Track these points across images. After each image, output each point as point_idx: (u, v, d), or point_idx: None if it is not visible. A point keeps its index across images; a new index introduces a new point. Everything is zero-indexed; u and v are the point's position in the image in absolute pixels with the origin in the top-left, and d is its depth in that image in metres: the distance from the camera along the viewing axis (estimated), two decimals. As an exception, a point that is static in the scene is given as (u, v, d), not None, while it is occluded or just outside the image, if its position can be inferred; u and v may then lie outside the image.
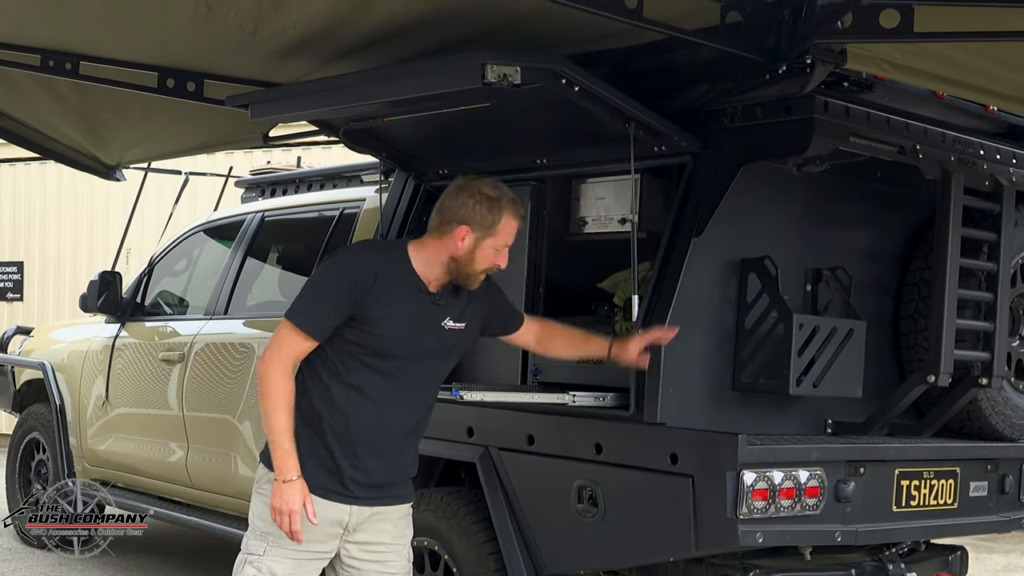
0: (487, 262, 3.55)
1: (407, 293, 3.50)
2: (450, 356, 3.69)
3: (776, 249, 4.27)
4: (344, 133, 4.97)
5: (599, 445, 4.14)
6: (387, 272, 3.49)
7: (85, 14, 4.24)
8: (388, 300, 3.45)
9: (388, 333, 3.46)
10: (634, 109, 4.04)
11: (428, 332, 3.55)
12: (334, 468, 3.51)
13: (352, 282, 3.44)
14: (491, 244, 3.53)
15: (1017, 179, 4.65)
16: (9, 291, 13.22)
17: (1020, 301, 4.86)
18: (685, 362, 4.08)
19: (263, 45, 4.47)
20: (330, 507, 3.52)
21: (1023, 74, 4.13)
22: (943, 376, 4.28)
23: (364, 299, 3.42)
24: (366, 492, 3.55)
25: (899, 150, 4.25)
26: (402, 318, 3.48)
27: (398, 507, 3.67)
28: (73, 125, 6.08)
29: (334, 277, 3.50)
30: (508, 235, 3.57)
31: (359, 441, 3.51)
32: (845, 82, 4.13)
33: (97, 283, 6.83)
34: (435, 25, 4.12)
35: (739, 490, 3.79)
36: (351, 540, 3.59)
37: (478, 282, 3.59)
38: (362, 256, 3.59)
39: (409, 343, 3.50)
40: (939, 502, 4.49)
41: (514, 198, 3.60)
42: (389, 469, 3.59)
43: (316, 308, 3.46)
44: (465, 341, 3.72)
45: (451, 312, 3.60)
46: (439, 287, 3.58)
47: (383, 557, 3.62)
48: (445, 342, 3.61)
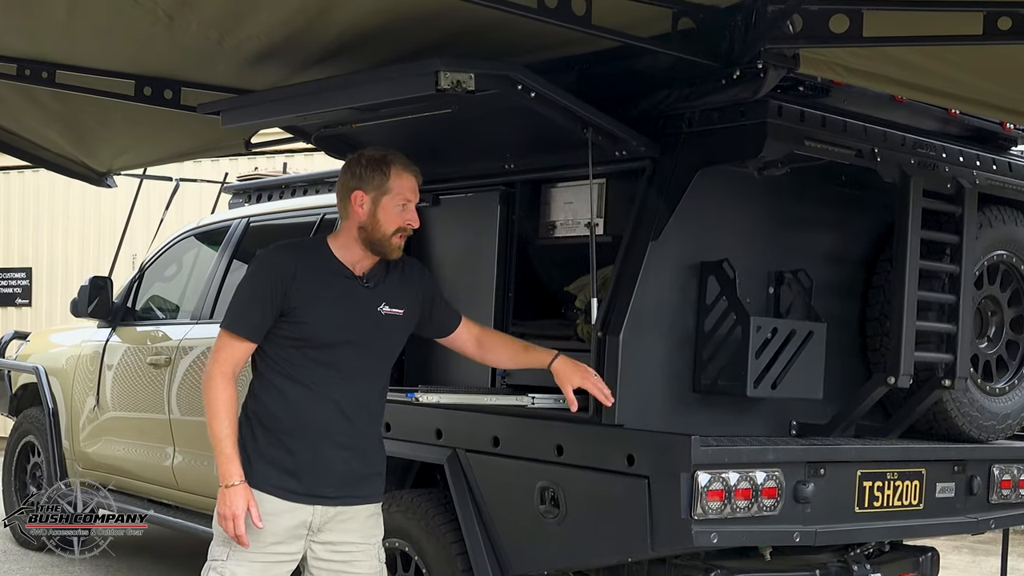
0: (394, 222, 3.58)
1: (330, 279, 3.56)
2: (393, 343, 3.70)
3: (737, 252, 4.31)
4: (316, 139, 5.04)
5: (560, 447, 4.19)
6: (307, 263, 3.58)
7: (52, 24, 4.30)
8: (312, 288, 3.52)
9: (318, 320, 3.51)
10: (591, 115, 4.08)
11: (364, 318, 3.58)
12: (293, 468, 3.54)
13: (274, 278, 3.52)
14: (390, 202, 3.58)
15: (980, 182, 4.66)
16: (18, 297, 13.36)
17: (987, 303, 4.88)
18: (644, 364, 4.12)
19: (232, 53, 4.53)
20: (291, 508, 3.55)
21: (981, 77, 4.16)
22: (903, 378, 4.30)
23: (288, 291, 3.49)
24: (328, 491, 3.57)
25: (857, 153, 4.28)
26: (328, 303, 3.53)
27: (364, 507, 3.68)
28: (59, 133, 6.16)
29: (257, 277, 3.59)
30: (405, 190, 3.61)
31: (313, 436, 3.54)
32: (800, 86, 4.17)
33: (88, 288, 6.91)
34: (396, 33, 4.17)
35: (693, 491, 3.83)
36: (316, 540, 3.61)
37: (396, 248, 3.61)
38: (281, 252, 3.67)
39: (344, 329, 3.54)
40: (903, 503, 4.51)
41: (402, 156, 3.67)
42: (349, 465, 3.60)
43: (244, 310, 3.55)
44: (405, 329, 3.73)
45: (386, 297, 3.64)
46: (365, 270, 3.62)
47: (350, 557, 3.64)
48: (385, 328, 3.64)
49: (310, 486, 3.56)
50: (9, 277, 13.41)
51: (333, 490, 3.59)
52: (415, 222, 3.65)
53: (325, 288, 3.55)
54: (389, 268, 3.70)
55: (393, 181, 3.60)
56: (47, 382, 7.45)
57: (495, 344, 4.04)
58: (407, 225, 3.62)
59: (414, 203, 3.64)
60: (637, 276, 4.09)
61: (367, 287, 3.61)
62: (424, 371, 5.13)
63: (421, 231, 5.16)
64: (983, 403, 4.78)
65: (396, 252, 3.62)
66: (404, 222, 3.61)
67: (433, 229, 5.18)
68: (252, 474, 3.53)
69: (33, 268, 13.32)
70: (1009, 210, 4.88)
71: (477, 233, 4.96)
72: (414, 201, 3.64)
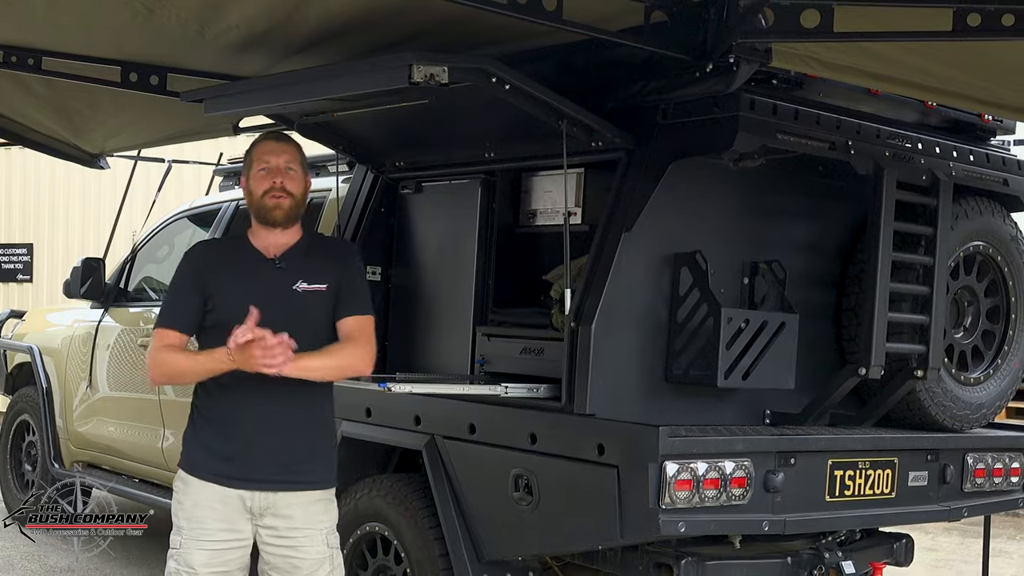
0: (260, 185, 3.67)
1: (245, 266, 3.68)
2: (318, 319, 3.69)
3: (712, 242, 4.35)
4: (299, 127, 5.09)
5: (534, 435, 4.23)
6: (222, 254, 3.80)
7: (34, 15, 4.34)
8: (225, 276, 3.66)
9: (231, 306, 3.57)
10: (565, 107, 4.11)
11: (278, 297, 3.62)
12: (228, 454, 3.61)
13: (191, 271, 3.70)
14: (254, 170, 3.70)
15: (957, 173, 4.69)
16: (19, 273, 13.43)
17: (964, 293, 4.91)
18: (616, 354, 4.16)
19: (214, 42, 4.57)
20: (229, 493, 3.61)
21: (955, 69, 4.18)
22: (874, 369, 4.34)
23: (205, 282, 3.64)
24: (263, 475, 3.62)
25: (830, 146, 4.31)
26: (242, 286, 3.62)
27: (307, 493, 3.69)
28: (49, 117, 6.20)
29: (180, 273, 3.77)
30: (263, 154, 3.71)
31: (244, 422, 3.61)
32: (774, 79, 4.20)
33: (81, 269, 6.96)
34: (373, 25, 4.21)
35: (661, 481, 3.88)
36: (260, 524, 3.67)
37: (275, 208, 3.65)
38: (197, 248, 3.87)
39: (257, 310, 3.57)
40: (875, 492, 4.55)
41: (269, 132, 3.85)
42: (282, 449, 3.63)
43: (172, 304, 3.72)
44: (331, 303, 3.71)
45: (303, 274, 3.67)
46: (279, 252, 3.69)
47: (294, 543, 3.67)
48: (301, 305, 3.66)
49: (245, 471, 3.62)
50: (10, 253, 13.49)
51: (269, 474, 3.63)
52: (285, 180, 3.66)
53: (238, 274, 3.67)
54: (311, 247, 3.77)
55: (254, 153, 3.74)
56: (41, 362, 7.52)
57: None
58: (276, 184, 3.66)
59: (279, 164, 3.68)
60: (610, 267, 4.13)
61: (279, 267, 3.68)
62: (407, 356, 5.19)
63: (403, 218, 5.27)
64: (957, 393, 4.82)
65: (276, 212, 3.66)
66: (270, 182, 3.66)
67: (415, 216, 5.23)
68: (191, 462, 3.65)
69: (34, 244, 13.38)
70: (986, 201, 4.90)
71: (458, 221, 5.00)
72: (277, 162, 3.68)
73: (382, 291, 5.30)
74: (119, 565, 6.84)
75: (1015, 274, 4.99)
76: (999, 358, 5.00)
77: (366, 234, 5.27)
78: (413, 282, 5.22)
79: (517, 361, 4.67)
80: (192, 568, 3.59)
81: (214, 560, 3.61)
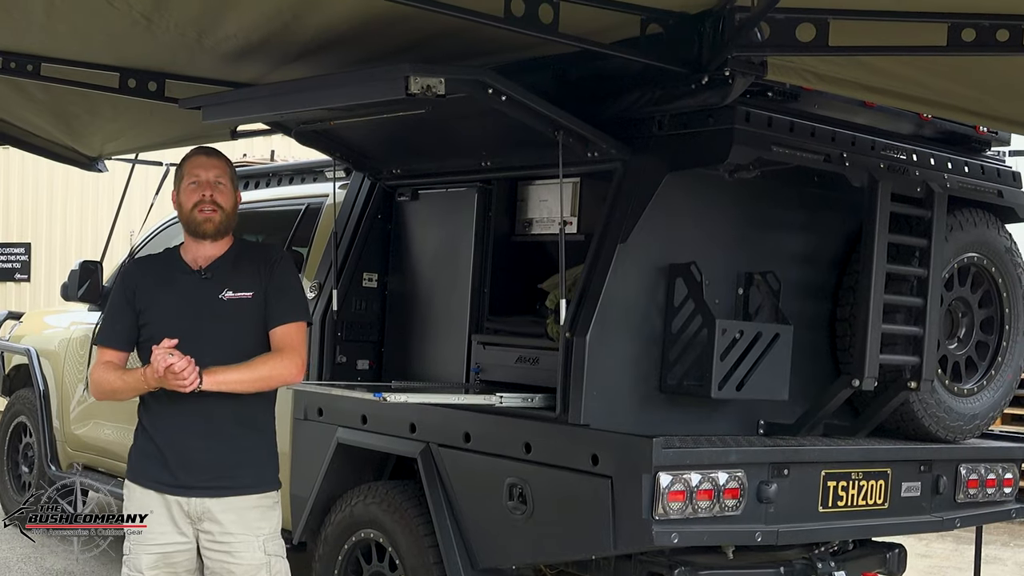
0: (190, 198, 3.77)
1: (171, 278, 3.78)
2: (246, 327, 3.75)
3: (707, 253, 4.36)
4: (296, 134, 5.10)
5: (528, 444, 4.25)
6: (151, 270, 3.87)
7: (32, 23, 4.35)
8: (153, 291, 3.76)
9: (159, 317, 3.72)
10: (561, 118, 4.12)
11: (203, 307, 3.72)
12: (163, 461, 3.72)
13: (122, 290, 3.82)
14: (184, 184, 3.80)
15: (952, 185, 4.70)
16: (17, 272, 13.44)
17: (958, 304, 4.92)
18: (611, 365, 4.17)
19: (212, 50, 4.57)
20: (166, 499, 3.73)
21: (951, 81, 4.20)
22: (867, 380, 4.36)
23: (135, 299, 3.76)
24: (196, 481, 3.71)
25: (825, 158, 4.33)
26: (166, 300, 3.74)
27: (240, 499, 3.75)
28: (48, 121, 6.21)
29: (114, 291, 3.92)
30: (193, 167, 3.82)
31: (174, 429, 3.71)
32: (770, 92, 4.21)
33: (78, 272, 6.97)
34: (371, 35, 4.21)
35: (655, 491, 3.90)
36: (200, 530, 3.76)
37: (206, 222, 3.75)
38: (128, 266, 4.02)
39: (182, 321, 3.69)
40: (868, 502, 4.57)
41: (199, 148, 3.94)
42: (212, 455, 3.72)
43: (107, 322, 3.86)
44: (259, 312, 3.76)
45: (229, 283, 3.75)
46: (206, 263, 3.78)
47: (230, 548, 3.73)
48: (227, 313, 3.73)
49: (180, 478, 3.72)
50: (8, 252, 13.50)
51: (201, 481, 3.72)
52: (215, 193, 3.77)
53: (164, 288, 3.77)
54: (238, 256, 3.83)
55: (185, 168, 3.83)
56: (38, 364, 7.53)
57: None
58: (206, 197, 3.75)
59: (209, 178, 3.78)
60: (605, 278, 4.14)
61: (205, 278, 3.76)
62: (403, 363, 5.21)
63: (400, 225, 5.28)
64: (950, 404, 4.83)
65: (207, 225, 3.76)
66: (200, 195, 3.75)
67: (411, 223, 5.24)
68: (134, 470, 3.80)
69: (32, 243, 13.39)
70: (981, 212, 4.91)
71: (454, 228, 5.02)
72: (207, 176, 3.78)
73: (379, 298, 5.33)
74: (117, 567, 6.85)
75: (1009, 285, 5.01)
76: (993, 369, 5.02)
77: (363, 241, 5.29)
78: (409, 289, 5.24)
79: (512, 370, 4.69)
80: (140, 572, 3.74)
81: (160, 563, 3.74)
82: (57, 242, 13.16)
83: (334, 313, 5.14)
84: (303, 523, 5.17)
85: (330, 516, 5.06)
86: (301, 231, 5.88)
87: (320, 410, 5.12)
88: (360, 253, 5.27)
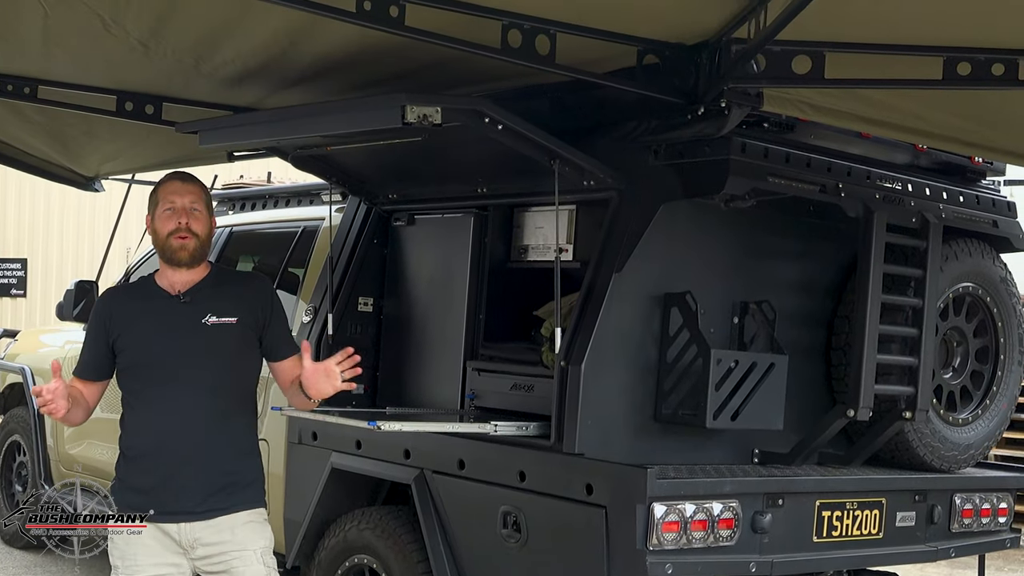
0: (165, 226, 3.69)
1: (147, 305, 3.74)
2: (229, 351, 3.71)
3: (702, 283, 4.36)
4: (293, 159, 5.10)
5: (523, 472, 4.25)
6: (127, 297, 3.88)
7: (30, 48, 4.37)
8: (129, 317, 3.72)
9: (136, 344, 3.67)
10: (557, 147, 4.13)
11: (186, 332, 3.67)
12: (148, 488, 3.64)
13: (97, 320, 3.78)
14: (159, 211, 3.72)
15: (947, 215, 4.71)
16: (13, 287, 13.43)
17: (953, 334, 4.93)
18: (606, 394, 4.17)
19: (210, 75, 4.59)
20: (154, 529, 3.64)
21: (947, 113, 4.23)
22: (862, 411, 4.36)
23: (110, 328, 3.72)
24: (185, 506, 3.64)
25: (820, 189, 4.34)
26: (145, 326, 3.69)
27: (234, 516, 3.70)
28: (44, 142, 6.23)
29: (89, 322, 3.89)
30: (167, 194, 3.72)
31: (159, 455, 3.63)
32: (766, 122, 4.23)
33: (73, 292, 6.97)
34: (368, 63, 4.23)
35: (649, 522, 3.90)
36: (194, 558, 3.69)
37: (178, 249, 3.67)
38: (103, 296, 3.95)
39: (164, 346, 3.65)
40: (863, 532, 4.57)
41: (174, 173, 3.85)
42: (201, 478, 3.65)
43: (81, 355, 3.84)
44: (242, 337, 3.73)
45: (211, 308, 3.70)
46: (184, 288, 3.72)
47: (228, 566, 3.69)
48: (210, 338, 3.68)
49: (167, 505, 3.64)
50: (5, 268, 13.49)
51: (191, 505, 3.65)
52: (190, 220, 3.69)
53: (142, 314, 3.72)
54: (219, 282, 3.79)
55: (159, 194, 3.75)
56: (33, 383, 7.51)
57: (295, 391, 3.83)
58: (181, 224, 3.68)
59: (184, 204, 3.70)
60: (600, 307, 4.14)
61: (184, 303, 3.70)
62: (397, 388, 5.20)
63: (396, 249, 5.28)
64: (945, 434, 4.83)
65: (181, 253, 3.69)
66: (177, 223, 3.69)
67: (407, 248, 5.24)
68: (119, 501, 3.71)
69: (29, 259, 13.39)
70: (976, 242, 4.92)
71: (450, 254, 5.01)
72: (182, 202, 3.70)
73: (374, 322, 5.32)
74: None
75: (1004, 315, 5.01)
76: (988, 399, 5.02)
77: (359, 265, 5.27)
78: (405, 314, 5.23)
79: (507, 396, 4.68)
80: None
81: None
82: (54, 258, 13.16)
83: (329, 337, 5.12)
84: (297, 547, 5.16)
85: (324, 540, 5.05)
86: (297, 253, 5.88)
87: (314, 434, 5.12)
88: (356, 277, 5.26)
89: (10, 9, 3.96)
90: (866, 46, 3.73)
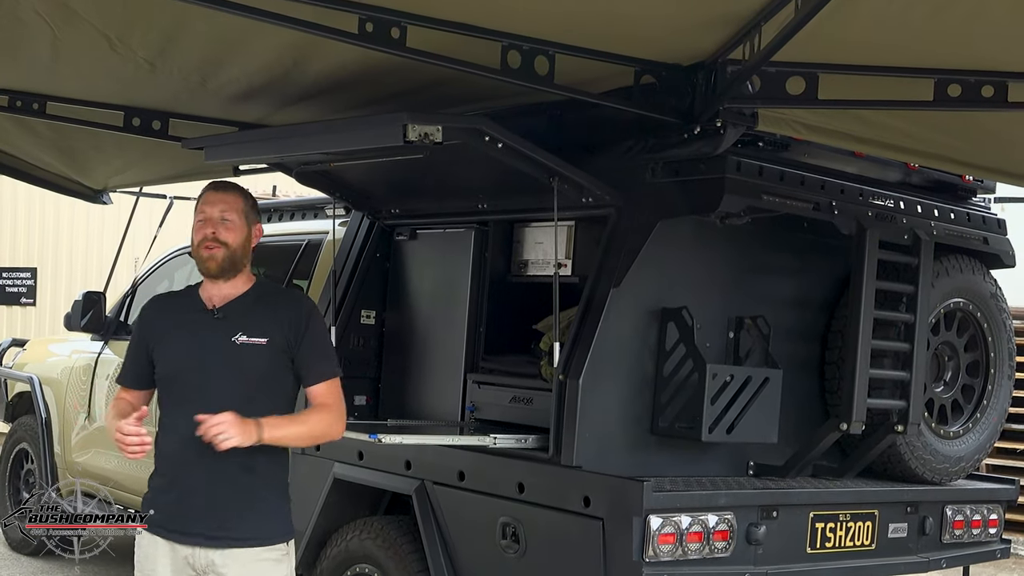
0: (196, 236, 3.63)
1: (183, 318, 3.66)
2: (257, 372, 3.59)
3: (698, 298, 4.44)
4: (297, 174, 5.19)
5: (521, 484, 4.32)
6: (167, 307, 3.77)
7: (39, 65, 4.46)
8: (165, 329, 3.66)
9: (169, 356, 3.61)
10: (557, 165, 4.21)
11: (214, 348, 3.57)
12: (169, 507, 3.58)
13: (139, 328, 3.77)
14: (196, 220, 3.66)
15: (938, 232, 4.79)
16: (23, 296, 13.51)
17: (944, 348, 5.00)
18: (603, 407, 4.25)
19: (216, 93, 4.68)
20: (170, 546, 3.57)
21: (939, 132, 4.30)
22: (855, 424, 4.44)
23: (149, 337, 3.67)
24: (200, 529, 3.54)
25: (814, 206, 4.42)
26: (177, 339, 3.62)
27: (246, 551, 3.55)
28: (53, 156, 6.32)
29: (133, 328, 3.91)
30: (202, 205, 3.66)
31: (182, 476, 3.55)
32: (760, 141, 4.31)
33: (81, 303, 7.06)
34: (371, 81, 4.32)
35: (645, 534, 3.97)
36: None
37: (209, 259, 3.60)
38: (147, 304, 3.86)
39: (191, 361, 3.57)
40: (855, 544, 4.65)
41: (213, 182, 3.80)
42: (216, 501, 3.55)
43: (125, 360, 3.79)
44: (272, 359, 3.60)
45: (243, 327, 3.58)
46: (221, 303, 3.63)
47: None
48: (239, 357, 3.57)
49: (183, 525, 3.55)
50: (15, 276, 13.56)
51: (206, 529, 3.54)
52: (218, 230, 3.60)
53: (177, 326, 3.65)
54: (258, 299, 3.67)
55: (197, 204, 3.69)
56: (41, 391, 7.61)
57: None
58: (209, 235, 3.61)
59: (214, 215, 3.62)
60: (598, 322, 4.22)
61: (218, 319, 3.60)
62: (399, 400, 5.29)
63: (398, 263, 5.36)
64: (936, 447, 4.91)
65: (210, 263, 3.60)
66: (204, 233, 3.61)
67: (409, 262, 5.33)
68: (147, 515, 3.62)
69: (39, 268, 13.46)
70: (967, 259, 5.00)
71: (451, 268, 5.10)
72: (212, 212, 3.62)
73: (376, 335, 5.40)
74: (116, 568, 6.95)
75: (994, 330, 5.10)
76: (978, 412, 5.10)
77: (361, 278, 5.36)
78: (407, 327, 5.31)
79: (507, 409, 4.77)
80: None
81: None
82: (63, 267, 13.23)
83: (333, 349, 5.21)
84: (299, 557, 5.23)
85: (326, 550, 5.12)
86: (301, 266, 5.97)
87: (317, 445, 5.19)
88: (359, 290, 5.34)
89: (19, 29, 4.04)
90: (858, 68, 3.81)
